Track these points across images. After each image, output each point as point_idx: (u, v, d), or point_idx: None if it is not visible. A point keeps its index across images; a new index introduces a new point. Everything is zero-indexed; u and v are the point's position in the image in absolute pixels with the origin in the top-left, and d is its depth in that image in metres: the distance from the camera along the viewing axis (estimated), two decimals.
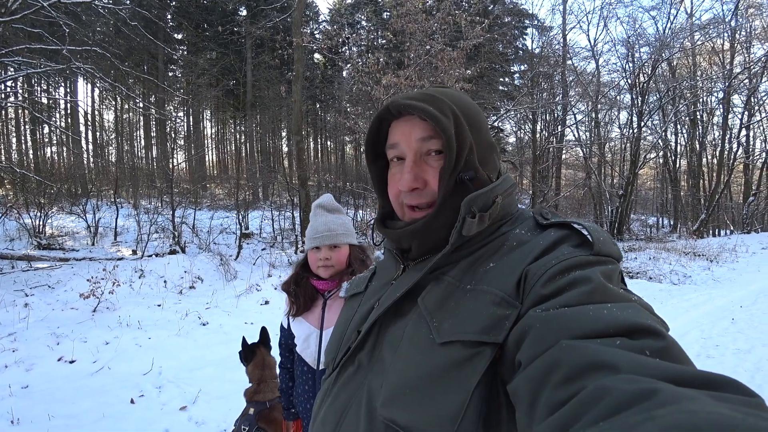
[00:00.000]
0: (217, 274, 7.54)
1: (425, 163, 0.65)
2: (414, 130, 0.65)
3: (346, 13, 21.68)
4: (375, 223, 0.76)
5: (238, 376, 3.87)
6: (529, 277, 0.54)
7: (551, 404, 0.39)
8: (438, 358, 0.54)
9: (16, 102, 9.96)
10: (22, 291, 5.90)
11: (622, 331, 0.43)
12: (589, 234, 0.57)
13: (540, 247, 0.57)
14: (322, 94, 23.11)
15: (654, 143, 18.49)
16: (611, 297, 0.48)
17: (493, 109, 14.04)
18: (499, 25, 14.61)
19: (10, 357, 3.94)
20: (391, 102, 0.66)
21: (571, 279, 0.50)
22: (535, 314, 0.49)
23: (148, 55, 18.99)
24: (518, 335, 0.49)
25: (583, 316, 0.45)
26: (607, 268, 0.53)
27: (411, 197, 0.66)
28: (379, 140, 0.71)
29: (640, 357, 0.38)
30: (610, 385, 0.35)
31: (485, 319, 0.54)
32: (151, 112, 13.55)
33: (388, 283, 0.71)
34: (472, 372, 0.52)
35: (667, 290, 8.59)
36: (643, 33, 17.17)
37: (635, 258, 11.87)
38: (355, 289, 0.81)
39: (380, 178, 0.74)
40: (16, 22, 7.46)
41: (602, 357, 0.39)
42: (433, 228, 0.64)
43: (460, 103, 0.66)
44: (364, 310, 0.71)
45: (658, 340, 0.41)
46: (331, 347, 0.74)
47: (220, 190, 18.87)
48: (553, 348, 0.43)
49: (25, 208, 9.68)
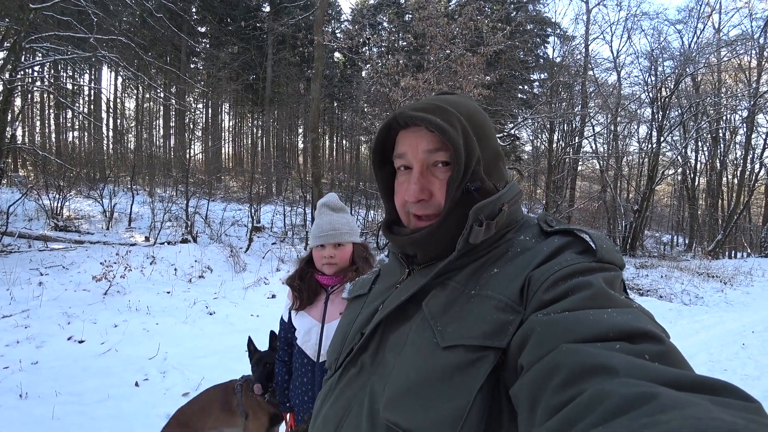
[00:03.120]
0: (226, 265, 7.63)
1: (432, 175, 0.66)
2: (421, 142, 0.65)
3: (368, 14, 21.74)
4: (381, 229, 0.77)
5: (241, 366, 3.92)
6: (532, 283, 0.55)
7: (551, 408, 0.40)
8: (441, 361, 0.55)
9: (42, 87, 10.23)
10: (38, 270, 6.06)
11: (622, 336, 0.43)
12: (592, 241, 0.57)
13: (543, 254, 0.58)
14: (340, 93, 23.19)
15: (673, 159, 18.18)
16: (612, 302, 0.49)
17: (510, 117, 13.94)
18: (521, 33, 14.51)
19: (22, 333, 4.06)
20: (399, 113, 0.66)
21: (573, 284, 0.51)
22: (537, 319, 0.49)
23: (172, 46, 19.30)
24: (521, 340, 0.50)
25: (583, 320, 0.45)
26: (609, 275, 0.54)
27: (417, 207, 0.67)
28: (387, 146, 0.72)
29: (640, 361, 0.39)
30: (609, 388, 0.35)
31: (489, 324, 0.54)
32: (171, 103, 13.78)
33: (392, 287, 0.72)
34: (475, 376, 0.53)
35: (677, 310, 8.43)
36: (668, 46, 16.94)
37: (647, 275, 11.68)
38: (358, 291, 0.82)
39: (387, 185, 0.74)
40: (47, 9, 7.67)
41: (601, 360, 0.39)
42: (438, 237, 0.65)
43: (468, 113, 0.66)
44: (368, 312, 0.71)
45: (658, 345, 0.42)
46: (334, 348, 0.75)
47: (235, 182, 19.07)
48: (553, 352, 0.44)
49: (45, 190, 9.91)
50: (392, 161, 0.72)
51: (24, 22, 7.08)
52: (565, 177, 17.92)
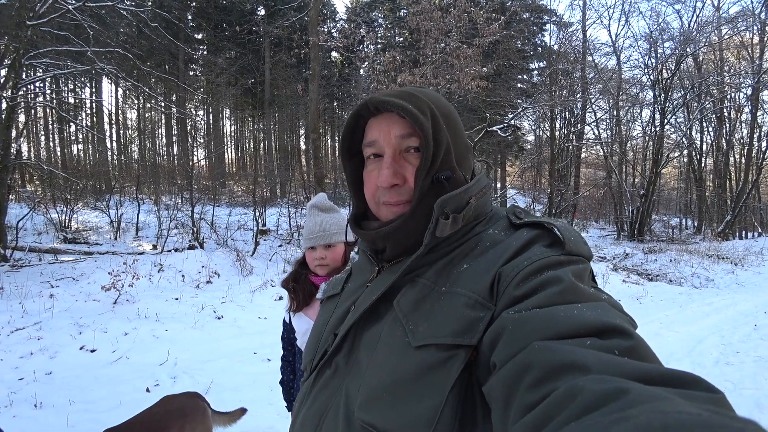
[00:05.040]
0: (233, 270, 7.69)
1: (404, 160, 0.65)
2: (393, 127, 0.64)
3: (362, 11, 21.71)
4: (349, 224, 0.74)
5: (250, 369, 3.97)
6: (502, 278, 0.55)
7: (525, 406, 0.40)
8: (413, 361, 0.55)
9: (44, 102, 10.35)
10: (48, 282, 6.16)
11: (592, 332, 0.44)
12: (560, 233, 0.57)
13: (513, 248, 0.58)
14: (339, 92, 23.22)
15: (678, 141, 17.98)
16: (582, 297, 0.49)
17: (510, 107, 13.86)
18: (517, 22, 14.41)
19: (35, 344, 4.13)
20: (370, 99, 0.65)
21: (543, 280, 0.51)
22: (508, 316, 0.49)
23: (169, 55, 19.40)
24: (492, 337, 0.50)
25: (554, 317, 0.46)
26: (578, 267, 0.54)
27: (389, 194, 0.65)
28: (355, 139, 0.71)
29: (610, 356, 0.40)
30: (581, 385, 0.36)
31: (459, 322, 0.54)
32: (172, 111, 13.87)
33: (363, 285, 0.71)
34: (447, 375, 0.53)
35: (687, 293, 8.38)
36: (667, 27, 16.70)
37: (655, 260, 11.60)
38: (331, 291, 0.80)
39: (355, 177, 0.73)
40: (44, 25, 7.75)
41: (573, 358, 0.40)
42: (408, 229, 0.63)
43: (438, 103, 0.66)
44: (341, 312, 0.70)
45: (626, 340, 0.43)
46: (309, 350, 0.74)
47: (239, 187, 19.15)
48: (525, 350, 0.44)
49: (53, 204, 10.06)
50: (360, 152, 0.71)
51: (22, 39, 7.16)
52: (569, 165, 17.82)
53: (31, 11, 7.44)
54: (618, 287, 8.28)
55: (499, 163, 21.14)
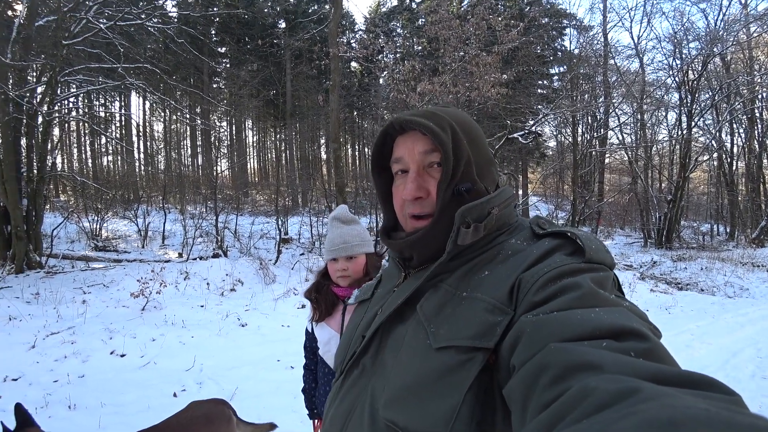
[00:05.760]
0: (256, 278, 7.80)
1: (427, 174, 0.70)
2: (417, 144, 0.69)
3: (381, 22, 21.94)
4: (379, 235, 0.80)
5: (273, 377, 4.01)
6: (522, 284, 0.57)
7: (540, 404, 0.41)
8: (434, 362, 0.57)
9: (77, 116, 10.83)
10: (81, 289, 6.39)
11: (609, 334, 0.44)
12: (581, 242, 0.58)
13: (533, 256, 0.60)
14: (359, 101, 23.43)
15: (706, 145, 17.39)
16: (600, 302, 0.50)
17: (531, 113, 13.73)
18: (536, 27, 14.31)
19: (69, 348, 4.29)
20: (396, 118, 0.71)
21: (562, 286, 0.52)
22: (526, 319, 0.51)
23: (194, 69, 20.06)
24: (512, 341, 0.51)
25: (571, 319, 0.47)
26: (599, 275, 0.55)
27: (414, 206, 0.70)
28: (384, 155, 0.76)
29: (625, 357, 0.40)
30: (594, 384, 0.37)
31: (478, 326, 0.56)
32: (197, 123, 14.28)
33: (391, 291, 0.75)
34: (465, 376, 0.55)
35: (720, 303, 8.05)
36: (692, 27, 16.24)
37: (685, 268, 11.20)
38: (363, 296, 0.86)
39: (385, 192, 0.78)
40: (78, 44, 8.15)
41: (588, 358, 0.41)
42: (432, 238, 0.67)
43: (459, 119, 0.70)
44: (370, 315, 0.75)
45: (643, 342, 0.43)
46: (340, 352, 0.78)
47: (261, 196, 19.50)
48: (542, 351, 0.45)
49: (84, 213, 10.47)
50: (389, 168, 0.76)
51: (58, 57, 7.54)
52: (592, 171, 17.46)
53: (66, 31, 7.83)
54: (646, 296, 8.03)
55: (521, 170, 20.88)
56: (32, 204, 7.56)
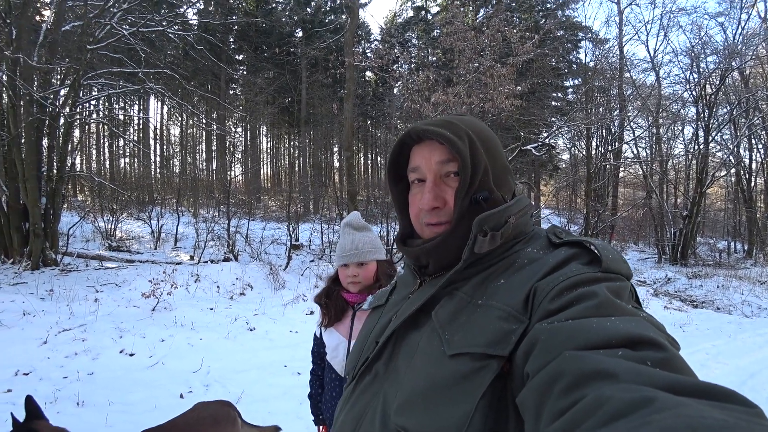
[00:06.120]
0: (266, 283, 7.83)
1: (444, 184, 0.70)
2: (434, 154, 0.70)
3: (396, 32, 22.14)
4: (395, 242, 0.81)
5: (280, 382, 4.01)
6: (537, 293, 0.56)
7: (554, 412, 0.41)
8: (448, 369, 0.57)
9: (97, 118, 11.09)
10: (94, 287, 6.49)
11: (625, 343, 0.44)
12: (598, 252, 0.58)
13: (549, 265, 0.59)
14: (373, 110, 23.58)
15: (724, 160, 17.04)
16: (617, 311, 0.49)
17: (545, 125, 13.66)
18: (551, 40, 14.29)
19: (80, 345, 4.36)
20: (412, 128, 0.71)
21: (578, 294, 0.52)
22: (541, 327, 0.51)
23: (212, 75, 20.44)
24: (526, 348, 0.51)
25: (586, 327, 0.46)
26: (615, 284, 0.55)
27: (431, 216, 0.70)
28: (401, 164, 0.77)
29: (640, 367, 0.40)
30: (609, 393, 0.36)
31: (493, 333, 0.56)
32: (213, 128, 14.52)
33: (406, 297, 0.75)
34: (478, 384, 0.54)
35: (737, 323, 7.83)
36: (710, 41, 16.01)
37: (701, 285, 10.95)
38: (377, 302, 0.86)
39: (401, 200, 0.78)
40: (102, 49, 8.38)
41: (603, 366, 0.40)
42: (448, 245, 0.68)
43: (476, 128, 0.71)
44: (384, 321, 0.75)
45: (660, 352, 0.42)
46: (353, 356, 0.78)
47: (273, 202, 19.64)
48: (557, 359, 0.45)
49: (100, 213, 10.66)
50: (406, 177, 0.76)
51: (82, 61, 7.76)
52: (606, 184, 17.24)
53: (90, 36, 8.07)
54: (659, 313, 7.86)
55: (533, 183, 20.74)
56: (51, 203, 7.73)
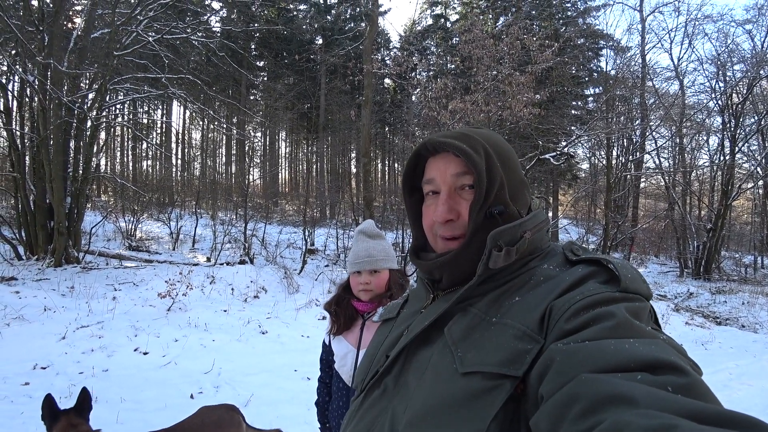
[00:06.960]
0: (280, 287, 7.89)
1: (459, 197, 0.69)
2: (449, 166, 0.69)
3: (415, 40, 22.25)
4: (408, 255, 0.79)
5: (289, 386, 4.02)
6: (553, 312, 0.55)
7: None
8: (460, 387, 0.55)
9: (122, 122, 11.43)
10: (112, 286, 6.65)
11: (644, 366, 0.42)
12: (616, 270, 0.56)
13: (566, 283, 0.58)
14: (391, 117, 23.68)
15: (751, 171, 16.50)
16: (635, 333, 0.48)
17: (564, 134, 13.49)
18: (571, 48, 14.14)
19: (96, 342, 4.46)
20: (428, 140, 0.71)
21: (595, 314, 0.50)
22: (557, 348, 0.49)
23: (233, 81, 20.88)
24: (541, 369, 0.50)
25: (604, 349, 0.45)
26: (634, 305, 0.53)
27: (444, 229, 0.69)
28: (416, 175, 0.76)
29: (661, 392, 0.38)
30: (628, 419, 0.35)
31: (507, 352, 0.55)
32: (233, 133, 14.78)
33: (418, 311, 0.73)
34: (490, 403, 0.53)
35: (763, 342, 7.51)
36: (737, 49, 15.58)
37: (725, 301, 10.57)
38: (388, 315, 0.85)
39: (415, 211, 0.77)
40: (128, 55, 8.66)
41: (621, 390, 0.39)
42: (463, 260, 0.66)
43: (492, 141, 0.70)
44: (395, 335, 0.73)
45: (682, 377, 0.41)
46: (362, 369, 0.77)
47: (290, 206, 19.86)
48: (573, 381, 0.43)
49: (122, 214, 10.95)
50: (421, 188, 0.76)
51: (109, 67, 8.03)
52: (626, 195, 16.88)
53: (118, 43, 8.35)
54: (680, 329, 7.61)
55: (551, 192, 20.46)
56: (75, 202, 7.99)
